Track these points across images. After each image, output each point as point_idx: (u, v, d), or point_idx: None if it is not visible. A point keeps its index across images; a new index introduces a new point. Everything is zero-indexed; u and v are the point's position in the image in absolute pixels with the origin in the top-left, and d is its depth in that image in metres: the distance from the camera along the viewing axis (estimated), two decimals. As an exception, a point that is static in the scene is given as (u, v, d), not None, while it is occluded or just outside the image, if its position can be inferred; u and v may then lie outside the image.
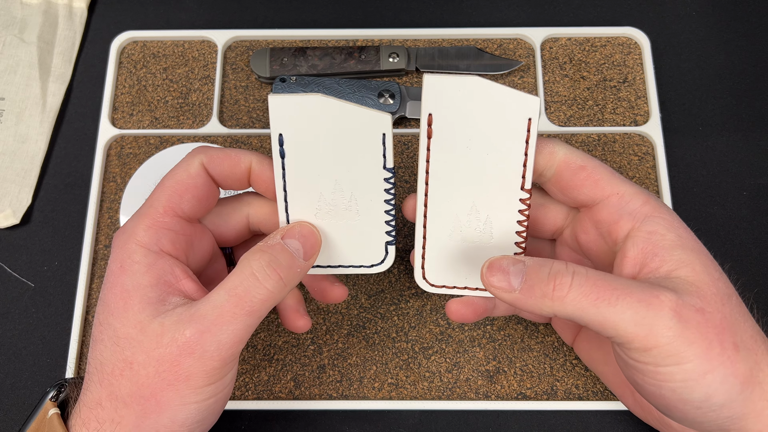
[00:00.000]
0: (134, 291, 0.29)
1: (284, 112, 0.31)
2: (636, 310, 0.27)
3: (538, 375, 0.40)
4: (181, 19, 0.50)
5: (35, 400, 0.41)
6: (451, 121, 0.31)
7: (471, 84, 0.31)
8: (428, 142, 0.32)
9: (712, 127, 0.47)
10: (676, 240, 0.30)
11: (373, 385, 0.40)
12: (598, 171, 0.32)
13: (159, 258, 0.30)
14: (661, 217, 0.31)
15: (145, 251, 0.29)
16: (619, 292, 0.27)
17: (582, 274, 0.28)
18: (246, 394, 0.40)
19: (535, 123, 0.31)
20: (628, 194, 0.31)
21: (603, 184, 0.32)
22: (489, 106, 0.31)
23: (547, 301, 0.28)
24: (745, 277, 0.43)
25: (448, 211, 0.33)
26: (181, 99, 0.48)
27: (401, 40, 0.49)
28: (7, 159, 0.46)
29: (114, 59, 0.48)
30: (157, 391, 0.28)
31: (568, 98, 0.47)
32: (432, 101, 0.31)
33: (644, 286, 0.28)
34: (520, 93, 0.31)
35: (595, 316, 0.28)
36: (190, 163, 0.31)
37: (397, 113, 0.46)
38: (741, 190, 0.45)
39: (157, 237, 0.30)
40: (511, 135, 0.31)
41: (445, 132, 0.32)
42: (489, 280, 0.30)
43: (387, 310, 0.42)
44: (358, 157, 0.32)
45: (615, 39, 0.49)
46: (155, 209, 0.30)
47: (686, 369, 0.27)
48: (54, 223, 0.45)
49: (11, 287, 0.43)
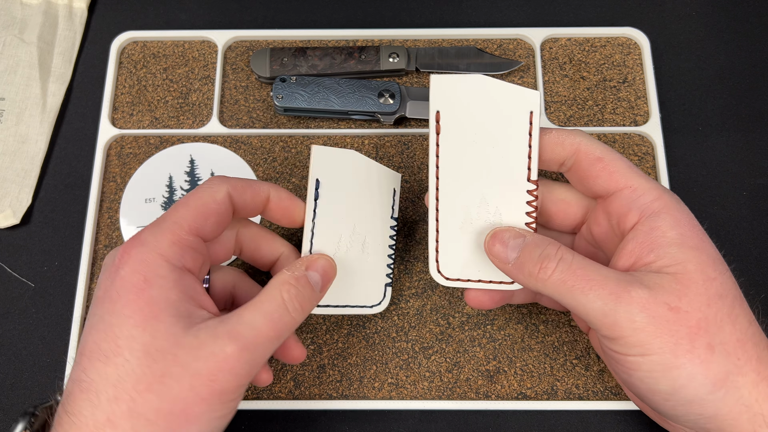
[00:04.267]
0: (164, 304, 0.28)
1: (324, 161, 0.35)
2: (605, 302, 0.29)
3: (539, 375, 0.40)
4: (181, 19, 0.50)
5: (35, 400, 0.41)
6: (457, 117, 0.34)
7: (475, 81, 0.33)
8: (437, 138, 0.34)
9: (712, 127, 0.47)
10: (676, 238, 0.30)
11: (373, 384, 0.40)
12: (615, 163, 0.32)
13: (184, 274, 0.30)
14: (670, 214, 0.31)
15: (171, 266, 0.29)
16: (594, 282, 0.29)
17: (567, 261, 0.30)
18: (246, 394, 0.40)
19: (537, 116, 0.33)
20: (641, 188, 0.32)
21: (618, 177, 0.32)
22: (492, 102, 0.33)
23: (533, 279, 0.31)
24: (745, 277, 0.43)
25: (459, 205, 0.34)
26: (181, 99, 0.48)
27: (401, 40, 0.49)
28: (7, 159, 0.46)
29: (114, 59, 0.48)
30: (189, 406, 0.27)
31: (568, 98, 0.47)
32: (439, 99, 0.33)
33: (621, 280, 0.29)
34: (521, 88, 0.33)
35: (570, 300, 0.30)
36: (217, 190, 0.32)
37: (397, 113, 0.46)
38: (741, 190, 0.45)
39: (182, 254, 0.30)
40: (514, 128, 0.33)
41: (453, 128, 0.34)
42: (489, 248, 0.33)
43: (387, 309, 0.42)
44: (375, 207, 0.37)
45: (615, 39, 0.49)
46: (180, 227, 0.30)
47: (652, 360, 0.29)
48: (54, 223, 0.45)
49: (11, 287, 0.43)
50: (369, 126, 0.47)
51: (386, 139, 0.46)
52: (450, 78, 0.33)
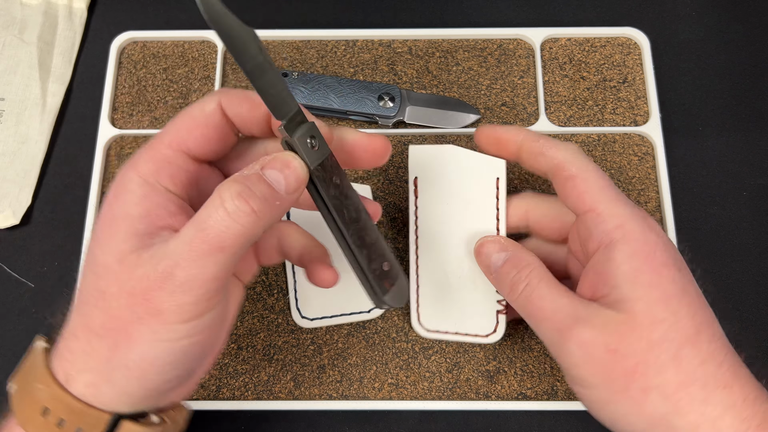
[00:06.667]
0: (122, 220, 0.27)
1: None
2: (552, 335, 0.31)
3: (539, 375, 0.40)
4: (181, 19, 0.50)
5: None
6: (433, 182, 0.38)
7: (447, 151, 0.38)
8: (415, 200, 0.38)
9: (712, 127, 0.47)
10: (629, 273, 0.30)
11: (373, 385, 0.40)
12: (585, 183, 0.32)
13: (154, 190, 0.28)
14: (628, 245, 0.30)
15: (141, 181, 0.28)
16: (545, 314, 0.31)
17: (531, 287, 0.32)
18: (246, 395, 0.40)
19: (503, 181, 0.38)
20: (605, 213, 0.31)
21: (585, 198, 0.32)
22: (464, 169, 0.38)
23: (506, 296, 0.34)
24: (745, 277, 0.43)
25: (435, 261, 0.38)
26: (181, 99, 0.48)
27: (401, 41, 0.49)
28: (7, 159, 0.46)
29: (114, 59, 0.48)
30: (128, 324, 0.26)
31: (568, 98, 0.47)
32: (416, 167, 0.38)
33: (570, 315, 0.30)
34: (489, 157, 0.38)
35: (529, 324, 0.33)
36: (207, 101, 0.29)
37: (395, 117, 0.46)
38: (741, 190, 0.45)
39: (155, 169, 0.28)
40: (483, 192, 0.38)
41: (429, 191, 0.38)
42: (477, 256, 0.36)
43: (387, 309, 0.42)
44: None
45: (615, 39, 0.49)
46: (160, 141, 0.29)
47: (591, 393, 0.30)
48: (54, 223, 0.45)
49: (11, 287, 0.43)
50: (369, 126, 0.47)
51: (386, 139, 0.46)
52: (426, 148, 0.38)
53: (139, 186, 0.28)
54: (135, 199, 0.28)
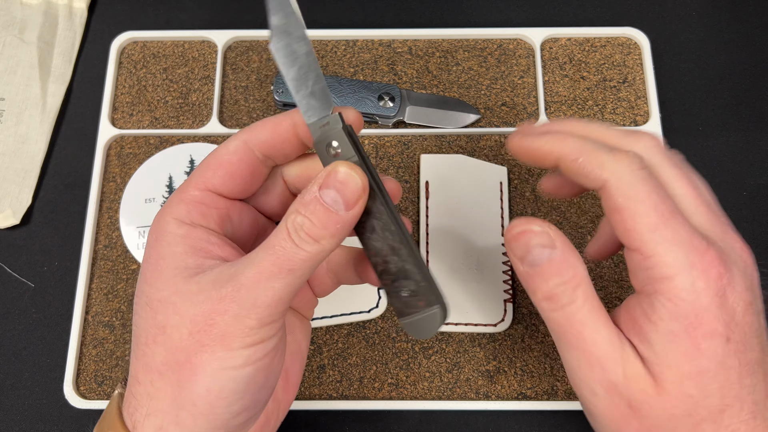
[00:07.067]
0: (170, 257, 0.28)
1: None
2: (578, 364, 0.29)
3: (539, 375, 0.40)
4: (181, 19, 0.50)
5: (35, 400, 0.41)
6: (443, 185, 0.43)
7: (455, 160, 0.44)
8: (426, 201, 0.43)
9: (712, 127, 0.47)
10: (665, 335, 0.27)
11: (373, 385, 0.40)
12: (633, 220, 0.27)
13: (192, 229, 0.28)
14: (671, 303, 0.27)
15: (177, 222, 0.28)
16: (582, 344, 0.28)
17: (576, 308, 0.28)
18: (246, 394, 0.40)
19: (505, 185, 0.44)
20: (652, 260, 0.27)
21: (634, 236, 0.28)
22: (471, 174, 0.43)
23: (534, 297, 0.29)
24: (745, 277, 0.43)
25: (446, 256, 0.41)
26: (181, 99, 0.48)
27: (401, 40, 0.49)
28: (7, 159, 0.46)
29: (114, 59, 0.48)
30: (192, 356, 0.26)
31: (568, 98, 0.47)
32: (428, 172, 0.44)
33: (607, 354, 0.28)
34: (492, 165, 0.44)
35: (555, 341, 0.30)
36: (231, 140, 0.30)
37: (395, 117, 0.46)
38: (741, 190, 0.45)
39: (187, 210, 0.29)
40: (488, 195, 0.43)
41: (439, 193, 0.43)
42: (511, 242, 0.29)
43: (387, 309, 0.42)
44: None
45: (615, 39, 0.49)
46: (188, 184, 0.30)
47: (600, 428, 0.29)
48: (54, 223, 0.45)
49: (11, 287, 0.43)
50: (369, 126, 0.47)
51: (386, 139, 0.46)
52: (436, 157, 0.44)
53: (177, 226, 0.28)
54: (176, 238, 0.28)
